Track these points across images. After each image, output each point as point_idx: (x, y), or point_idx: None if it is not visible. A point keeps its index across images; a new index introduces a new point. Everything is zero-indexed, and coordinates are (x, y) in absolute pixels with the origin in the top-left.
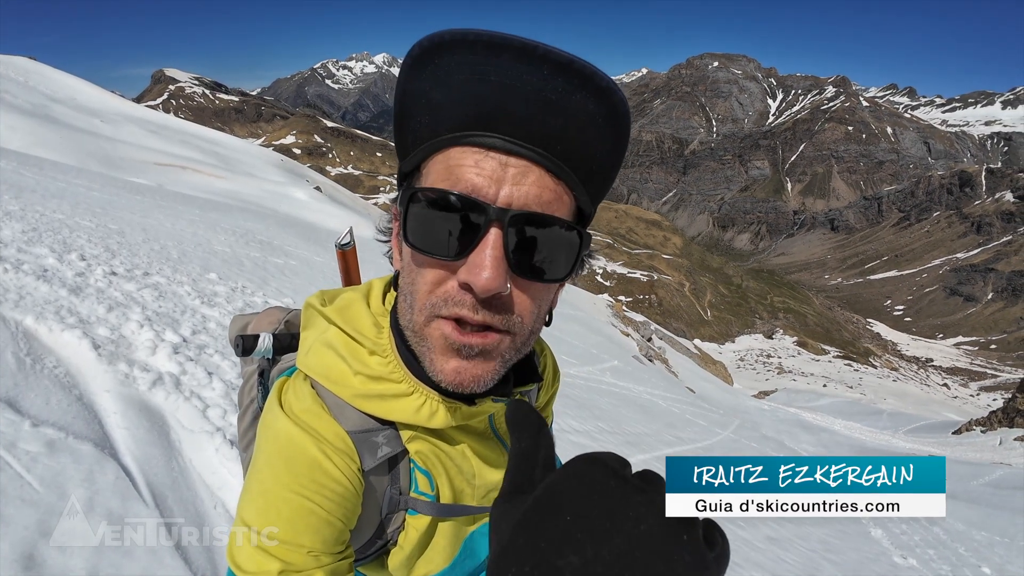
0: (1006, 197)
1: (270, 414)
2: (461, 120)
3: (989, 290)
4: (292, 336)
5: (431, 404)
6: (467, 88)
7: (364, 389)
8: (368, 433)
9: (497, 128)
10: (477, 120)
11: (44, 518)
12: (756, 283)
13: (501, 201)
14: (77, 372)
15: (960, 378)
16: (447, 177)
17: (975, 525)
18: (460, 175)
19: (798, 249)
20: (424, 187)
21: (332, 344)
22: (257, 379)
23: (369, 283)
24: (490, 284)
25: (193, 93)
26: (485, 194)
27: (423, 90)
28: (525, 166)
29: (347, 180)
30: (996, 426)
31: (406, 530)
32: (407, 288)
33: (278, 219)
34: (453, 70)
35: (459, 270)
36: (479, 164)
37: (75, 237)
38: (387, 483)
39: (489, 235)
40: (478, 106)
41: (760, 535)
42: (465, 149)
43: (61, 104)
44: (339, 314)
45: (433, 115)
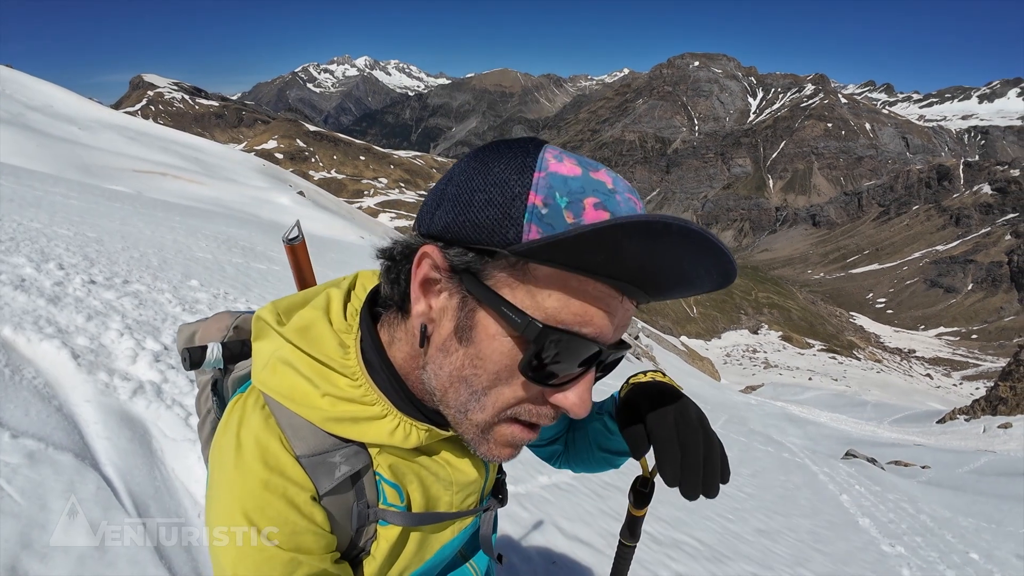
0: (984, 189)
1: (217, 448)
2: (628, 273)
3: (969, 281)
4: (243, 343)
5: (405, 427)
6: (656, 259)
7: (334, 411)
8: (324, 455)
9: (645, 287)
10: (637, 276)
11: (25, 530)
12: (741, 279)
13: (611, 343)
14: (56, 382)
15: (943, 368)
16: (579, 314)
17: (961, 512)
18: (592, 318)
19: (781, 245)
20: (568, 331)
21: (293, 364)
22: (211, 390)
23: (327, 294)
24: (587, 414)
25: (172, 99)
26: (606, 339)
27: (628, 248)
28: (633, 311)
29: (330, 184)
30: (979, 414)
31: (378, 540)
32: (475, 383)
33: (261, 225)
34: (660, 245)
35: (555, 395)
36: (611, 308)
37: (53, 246)
38: (352, 499)
39: (592, 371)
40: (649, 267)
41: (749, 527)
42: (603, 291)
43: (38, 112)
44: (299, 336)
45: (609, 256)
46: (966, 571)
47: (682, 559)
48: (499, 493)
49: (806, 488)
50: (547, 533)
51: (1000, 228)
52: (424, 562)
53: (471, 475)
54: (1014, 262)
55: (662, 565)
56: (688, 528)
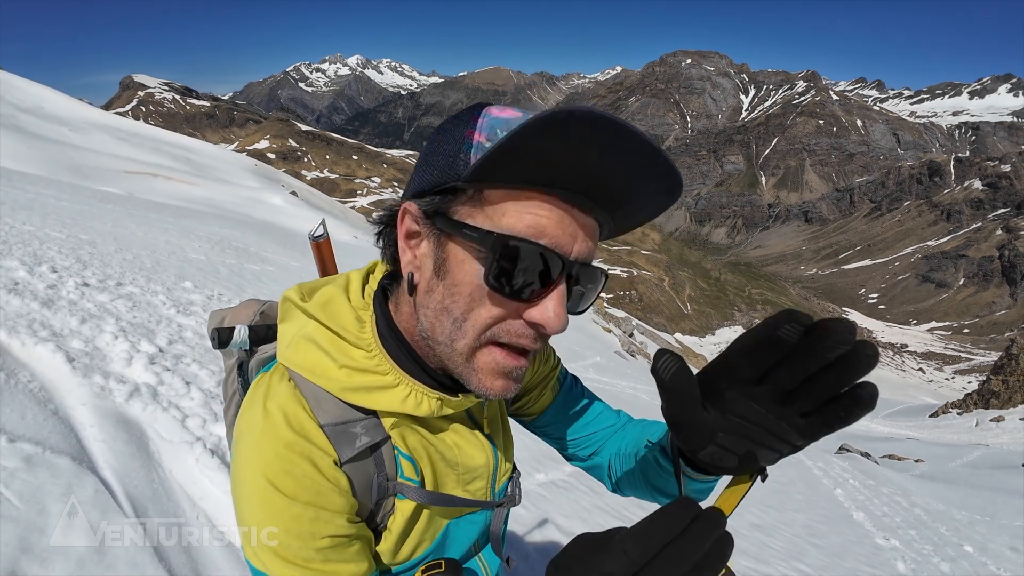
0: (975, 185)
1: (243, 419)
2: (566, 178)
3: (960, 276)
4: (268, 327)
5: (416, 395)
6: (584, 157)
7: (350, 382)
8: (346, 424)
9: (589, 193)
10: (578, 182)
11: (24, 533)
12: (734, 276)
13: (574, 255)
14: (52, 386)
15: (935, 362)
16: (532, 224)
17: (955, 505)
18: (545, 226)
19: (774, 241)
20: (522, 238)
21: (314, 339)
22: (236, 372)
23: (347, 276)
24: (561, 328)
25: (163, 99)
26: (565, 249)
27: (545, 145)
28: (593, 226)
29: (323, 184)
30: (972, 408)
31: (395, 515)
32: (454, 310)
33: (253, 225)
34: (581, 140)
35: (528, 311)
36: (562, 219)
37: (46, 249)
38: (373, 470)
39: (560, 284)
40: (585, 172)
41: (744, 522)
42: (552, 200)
43: (28, 113)
44: (320, 310)
45: (541, 164)
46: (960, 564)
47: None
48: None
49: (800, 482)
50: (545, 530)
51: (991, 223)
52: (435, 539)
53: (478, 459)
54: (1005, 257)
55: None
56: None
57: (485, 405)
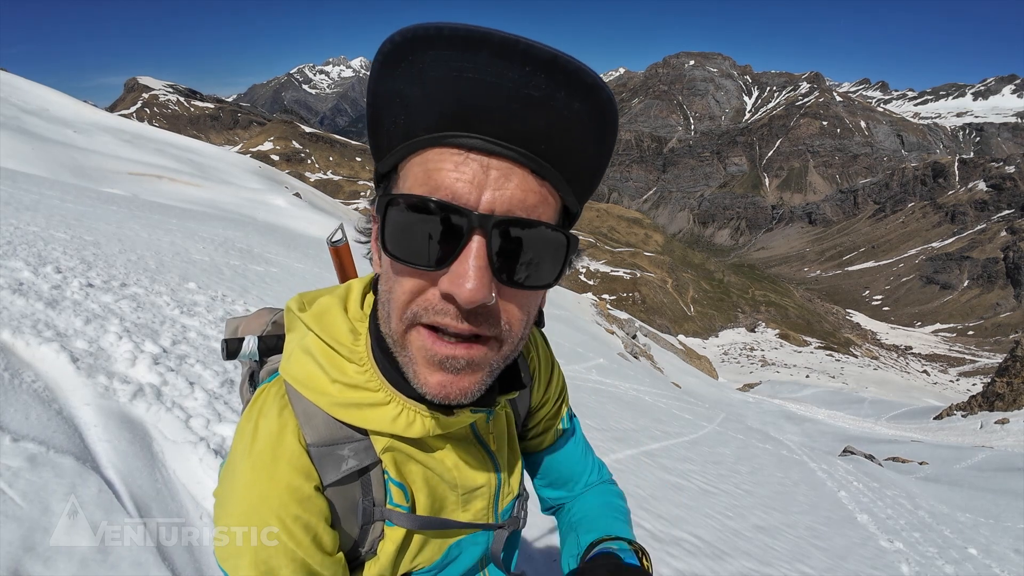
0: (979, 186)
1: (239, 432)
2: (438, 120)
3: (965, 277)
4: (279, 337)
5: (408, 414)
6: (444, 86)
7: (341, 398)
8: (333, 446)
9: (477, 128)
10: (455, 120)
11: (28, 533)
12: (737, 278)
13: (483, 207)
14: (56, 386)
15: (939, 364)
16: (425, 181)
17: (959, 507)
18: (439, 179)
19: (777, 243)
20: (401, 193)
21: (311, 351)
22: (248, 382)
23: (348, 285)
24: (474, 295)
25: (167, 101)
26: (466, 200)
27: (396, 89)
28: (508, 168)
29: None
30: (976, 410)
31: (384, 541)
32: (385, 295)
33: (257, 226)
34: (428, 67)
35: (441, 279)
36: (459, 167)
37: (50, 249)
38: (358, 495)
39: (472, 243)
40: (456, 105)
41: (748, 524)
42: (443, 151)
43: (33, 115)
44: (315, 320)
45: (408, 115)
46: (965, 566)
47: (682, 556)
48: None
49: (804, 485)
50: (553, 538)
51: (995, 224)
52: (432, 563)
53: (477, 480)
54: (1010, 258)
55: (662, 563)
56: (688, 525)
57: (491, 420)
